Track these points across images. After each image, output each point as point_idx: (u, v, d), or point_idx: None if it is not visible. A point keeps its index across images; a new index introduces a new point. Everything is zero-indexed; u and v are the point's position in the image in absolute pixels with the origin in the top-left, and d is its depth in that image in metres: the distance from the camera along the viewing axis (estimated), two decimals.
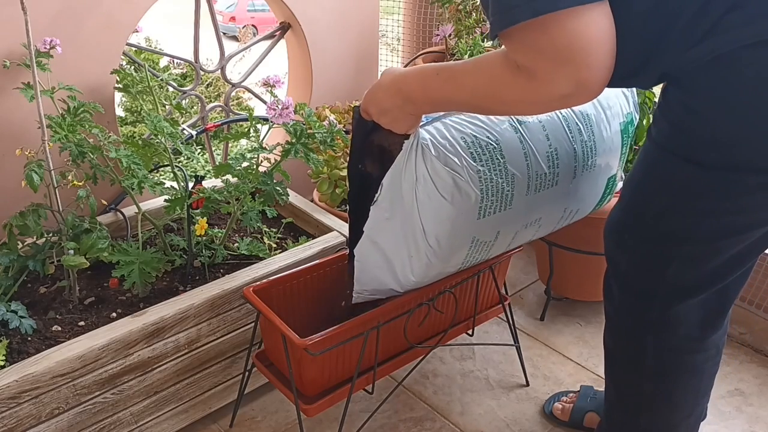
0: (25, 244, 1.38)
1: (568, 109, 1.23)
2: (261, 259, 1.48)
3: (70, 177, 1.33)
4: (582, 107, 1.25)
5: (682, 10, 0.81)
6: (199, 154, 4.12)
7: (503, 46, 0.86)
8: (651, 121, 0.98)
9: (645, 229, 1.03)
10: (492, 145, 1.15)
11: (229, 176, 1.42)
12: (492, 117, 1.18)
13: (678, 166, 0.92)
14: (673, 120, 0.91)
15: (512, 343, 1.59)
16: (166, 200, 1.39)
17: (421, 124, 1.12)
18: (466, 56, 1.82)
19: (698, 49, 0.82)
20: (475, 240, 1.20)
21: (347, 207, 1.85)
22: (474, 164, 1.12)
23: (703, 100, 0.86)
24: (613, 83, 0.83)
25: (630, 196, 1.06)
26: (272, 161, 1.44)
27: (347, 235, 1.55)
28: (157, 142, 1.42)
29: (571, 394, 1.53)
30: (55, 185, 1.34)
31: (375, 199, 1.16)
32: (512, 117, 1.19)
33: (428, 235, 1.14)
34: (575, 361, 1.70)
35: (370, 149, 1.18)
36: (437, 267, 1.20)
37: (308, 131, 1.40)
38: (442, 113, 1.17)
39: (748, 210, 0.91)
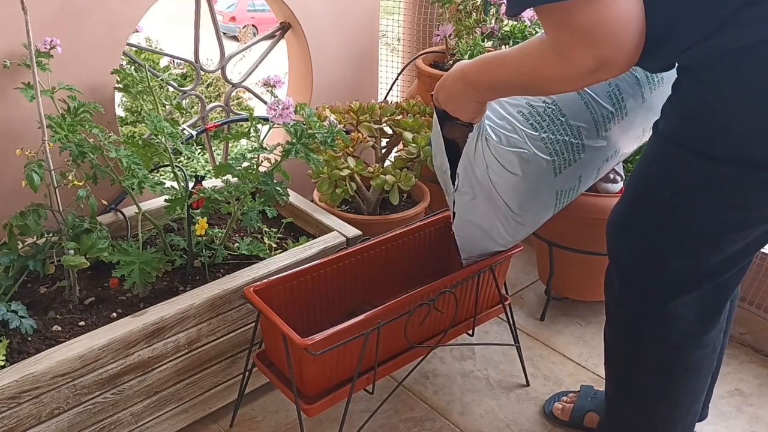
0: (26, 244, 1.38)
1: None
2: (261, 259, 1.48)
3: (70, 177, 1.33)
4: None
5: None
6: (199, 154, 4.13)
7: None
8: (662, 114, 0.97)
9: (647, 223, 1.03)
10: (550, 108, 1.19)
11: (229, 176, 1.42)
12: None
13: (684, 159, 0.92)
14: (683, 112, 0.91)
15: (512, 343, 1.59)
16: (166, 200, 1.39)
17: None
18: (466, 57, 1.82)
19: (714, 40, 0.82)
20: (559, 192, 1.26)
21: (351, 207, 1.86)
22: (536, 134, 1.17)
23: (717, 92, 0.86)
24: None
25: (633, 190, 1.06)
26: (272, 161, 1.44)
27: (345, 236, 1.56)
28: (157, 142, 1.42)
29: (571, 394, 1.53)
30: (56, 185, 1.34)
31: (455, 186, 1.24)
32: None
33: (511, 206, 1.23)
34: (575, 361, 1.70)
35: (445, 139, 1.25)
36: (529, 224, 1.31)
37: (308, 131, 1.40)
38: None
39: (754, 206, 0.91)
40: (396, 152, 1.85)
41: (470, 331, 1.50)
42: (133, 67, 1.49)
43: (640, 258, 1.07)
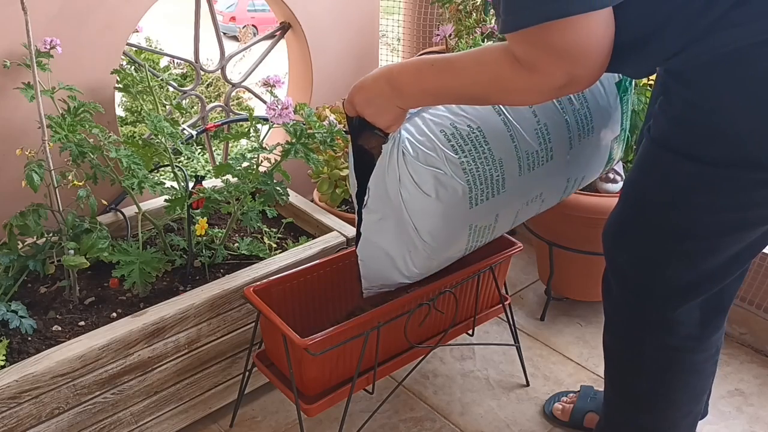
0: (26, 244, 1.38)
1: None
2: (261, 259, 1.48)
3: (70, 177, 1.33)
4: None
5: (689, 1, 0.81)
6: (199, 154, 4.12)
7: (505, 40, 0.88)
8: (650, 121, 0.97)
9: (644, 229, 1.03)
10: (474, 133, 1.13)
11: (229, 176, 1.42)
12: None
13: (677, 163, 0.92)
14: (673, 116, 0.91)
15: (512, 343, 1.59)
16: (166, 200, 1.39)
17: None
18: None
19: (702, 44, 0.82)
20: (473, 227, 1.19)
21: (351, 207, 1.86)
22: (456, 157, 1.10)
23: (706, 96, 0.86)
24: (610, 66, 0.85)
25: (628, 195, 1.06)
26: (272, 161, 1.43)
27: (354, 234, 1.56)
28: (157, 142, 1.42)
29: (571, 395, 1.53)
30: (56, 185, 1.34)
31: (365, 202, 1.15)
32: None
33: (421, 232, 1.14)
34: (575, 361, 1.70)
35: (358, 150, 1.17)
36: (438, 257, 1.21)
37: (308, 131, 1.40)
38: (420, 109, 1.15)
39: (748, 207, 0.91)
40: None
41: (470, 331, 1.50)
42: (133, 67, 1.49)
43: (639, 264, 1.06)
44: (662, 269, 1.03)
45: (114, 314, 1.34)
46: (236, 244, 1.53)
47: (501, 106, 1.16)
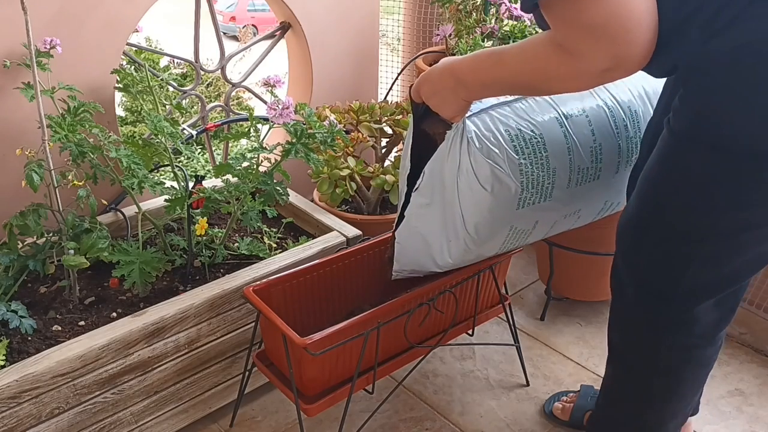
0: (26, 243, 1.38)
1: (616, 104, 1.25)
2: (261, 259, 1.48)
3: (70, 177, 1.33)
4: (631, 104, 1.26)
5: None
6: (199, 153, 4.12)
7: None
8: (672, 114, 0.96)
9: (665, 227, 1.01)
10: (536, 138, 1.17)
11: (229, 176, 1.42)
12: (538, 111, 1.20)
13: (701, 154, 0.91)
14: (696, 107, 0.90)
15: (512, 343, 1.59)
16: (166, 200, 1.39)
17: (468, 114, 1.15)
18: None
19: (721, 38, 0.82)
20: (513, 228, 1.23)
21: (351, 207, 1.86)
22: (516, 157, 1.14)
23: (729, 89, 0.85)
24: None
25: (647, 192, 1.03)
26: (272, 161, 1.44)
27: (345, 236, 1.56)
28: (157, 142, 1.42)
29: (571, 394, 1.53)
30: (56, 185, 1.34)
31: (417, 185, 1.20)
32: (559, 111, 1.21)
33: (467, 223, 1.18)
34: (575, 361, 1.70)
35: (418, 135, 1.21)
36: (474, 251, 1.24)
37: (308, 131, 1.40)
38: (489, 105, 1.19)
39: None
40: (396, 152, 1.85)
41: (470, 331, 1.50)
42: (133, 67, 1.49)
43: (658, 264, 1.05)
44: (683, 271, 1.01)
45: (114, 314, 1.34)
46: (236, 244, 1.53)
47: (563, 119, 1.21)
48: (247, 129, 1.43)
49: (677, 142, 0.95)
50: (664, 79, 1.14)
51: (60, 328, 1.30)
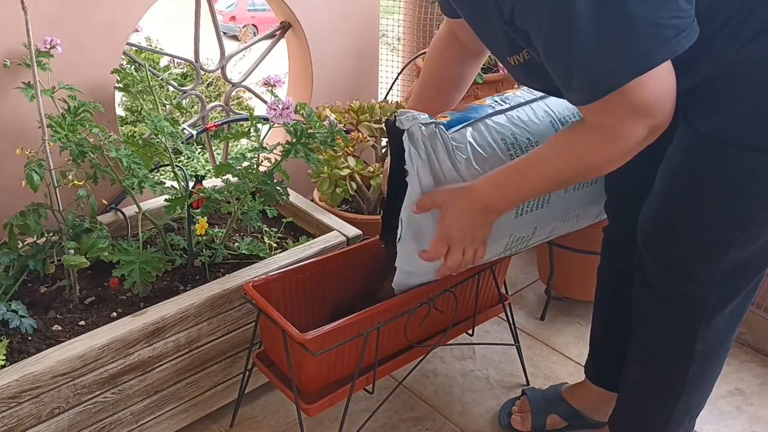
0: (26, 243, 1.38)
1: None
2: (261, 258, 1.48)
3: (70, 177, 1.33)
4: None
5: (736, 13, 0.86)
6: (199, 153, 4.13)
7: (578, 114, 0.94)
8: (692, 115, 0.98)
9: (706, 219, 1.01)
10: (532, 146, 1.17)
11: (229, 176, 1.42)
12: (532, 116, 1.22)
13: (737, 155, 0.94)
14: (727, 111, 0.93)
15: (512, 342, 1.59)
16: (166, 200, 1.39)
17: (457, 128, 1.16)
18: None
19: (748, 47, 0.87)
20: (513, 235, 1.23)
21: (351, 206, 1.86)
22: None
23: (759, 92, 0.89)
24: None
25: (679, 193, 1.04)
26: (272, 161, 1.44)
27: (345, 235, 1.55)
28: (157, 142, 1.42)
29: (517, 402, 1.50)
30: (56, 185, 1.34)
31: (398, 236, 1.18)
32: (553, 116, 1.23)
33: None
34: (576, 360, 1.70)
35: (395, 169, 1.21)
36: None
37: (308, 131, 1.40)
38: (485, 114, 1.19)
39: None
40: None
41: (470, 331, 1.50)
42: (133, 67, 1.49)
43: (698, 254, 1.05)
44: (723, 257, 1.03)
45: (114, 314, 1.34)
46: (236, 244, 1.53)
47: (559, 125, 1.22)
48: (247, 129, 1.43)
49: (709, 145, 0.96)
50: None
51: (60, 328, 1.30)
